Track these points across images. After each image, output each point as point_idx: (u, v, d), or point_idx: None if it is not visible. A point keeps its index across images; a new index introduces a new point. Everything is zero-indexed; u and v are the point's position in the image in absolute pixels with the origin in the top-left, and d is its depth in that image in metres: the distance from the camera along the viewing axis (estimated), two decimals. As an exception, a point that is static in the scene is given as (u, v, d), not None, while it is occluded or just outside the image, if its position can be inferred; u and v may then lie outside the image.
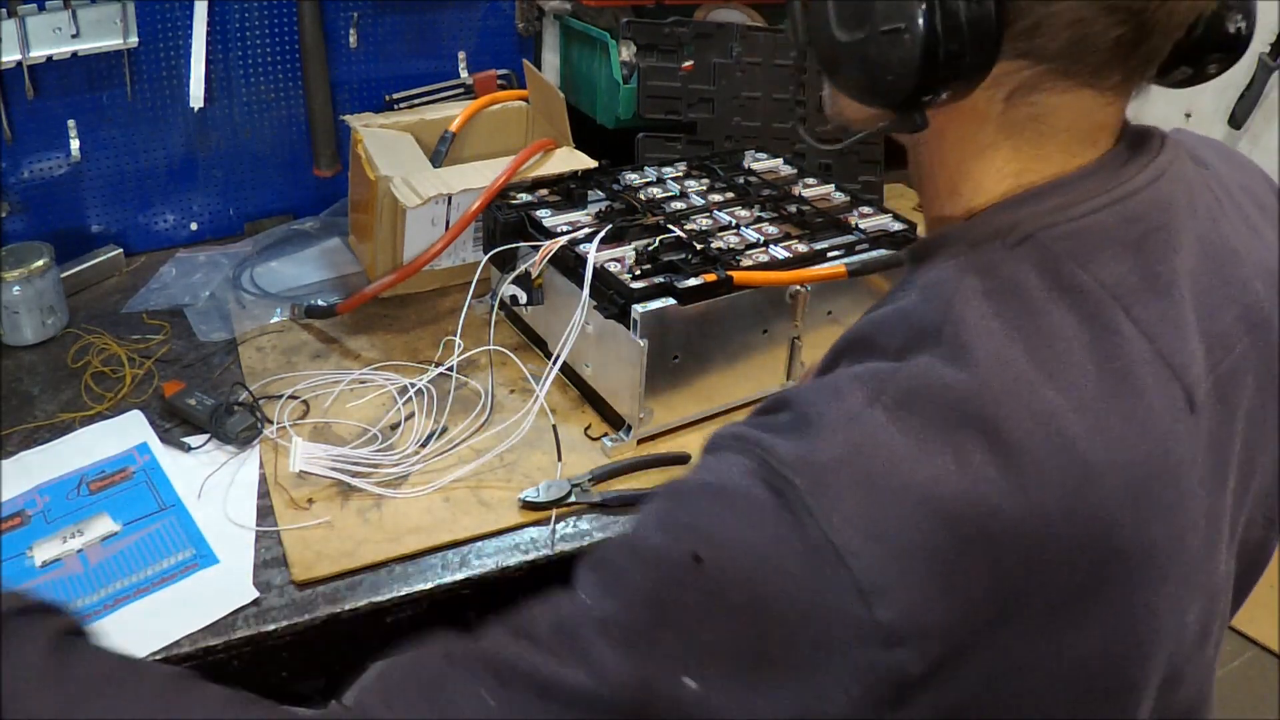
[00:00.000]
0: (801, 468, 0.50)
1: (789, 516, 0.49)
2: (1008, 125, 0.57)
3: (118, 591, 0.87)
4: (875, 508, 0.49)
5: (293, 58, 1.44)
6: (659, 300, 1.00)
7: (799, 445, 0.51)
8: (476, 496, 0.98)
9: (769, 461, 0.51)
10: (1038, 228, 0.55)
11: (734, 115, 1.47)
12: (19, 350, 1.21)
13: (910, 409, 0.51)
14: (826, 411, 0.52)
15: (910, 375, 0.52)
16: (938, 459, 0.50)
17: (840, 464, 0.50)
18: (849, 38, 0.55)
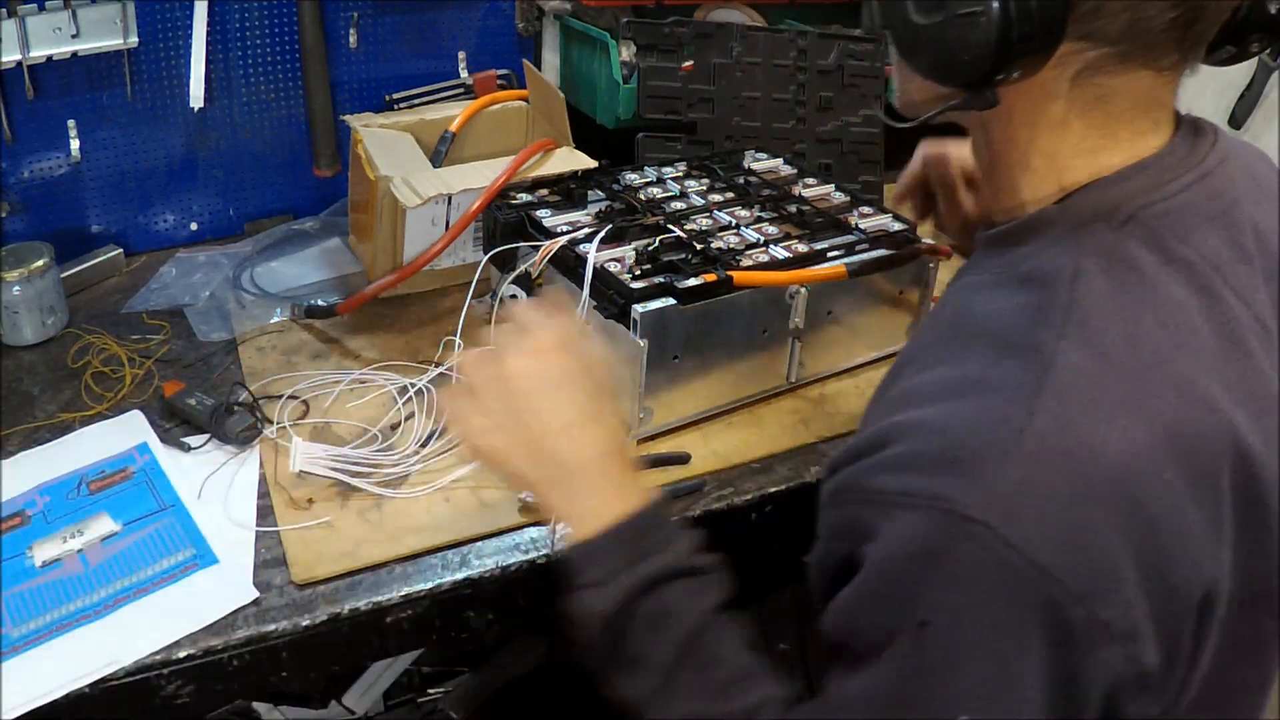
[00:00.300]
0: (986, 506, 0.52)
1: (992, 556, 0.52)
2: (1076, 105, 0.61)
3: (118, 591, 0.87)
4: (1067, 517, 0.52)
5: (293, 58, 1.44)
6: (659, 300, 1.00)
7: (973, 483, 0.53)
8: (476, 496, 0.98)
9: (953, 510, 0.53)
10: (1138, 207, 0.60)
11: (734, 115, 1.47)
12: (19, 350, 1.20)
13: (1066, 407, 0.54)
14: (984, 435, 0.54)
15: (1058, 379, 0.55)
16: (1111, 451, 0.53)
17: (1022, 490, 0.52)
18: (926, 20, 0.59)
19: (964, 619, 0.53)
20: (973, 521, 0.52)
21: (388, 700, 1.59)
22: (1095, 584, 0.52)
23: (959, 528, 0.52)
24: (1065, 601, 0.52)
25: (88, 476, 1.00)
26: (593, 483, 0.71)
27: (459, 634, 0.93)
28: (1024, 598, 0.52)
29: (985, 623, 0.53)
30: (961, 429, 0.56)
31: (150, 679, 0.81)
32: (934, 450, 0.56)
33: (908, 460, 0.57)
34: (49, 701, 0.78)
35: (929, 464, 0.56)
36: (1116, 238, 0.60)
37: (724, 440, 1.07)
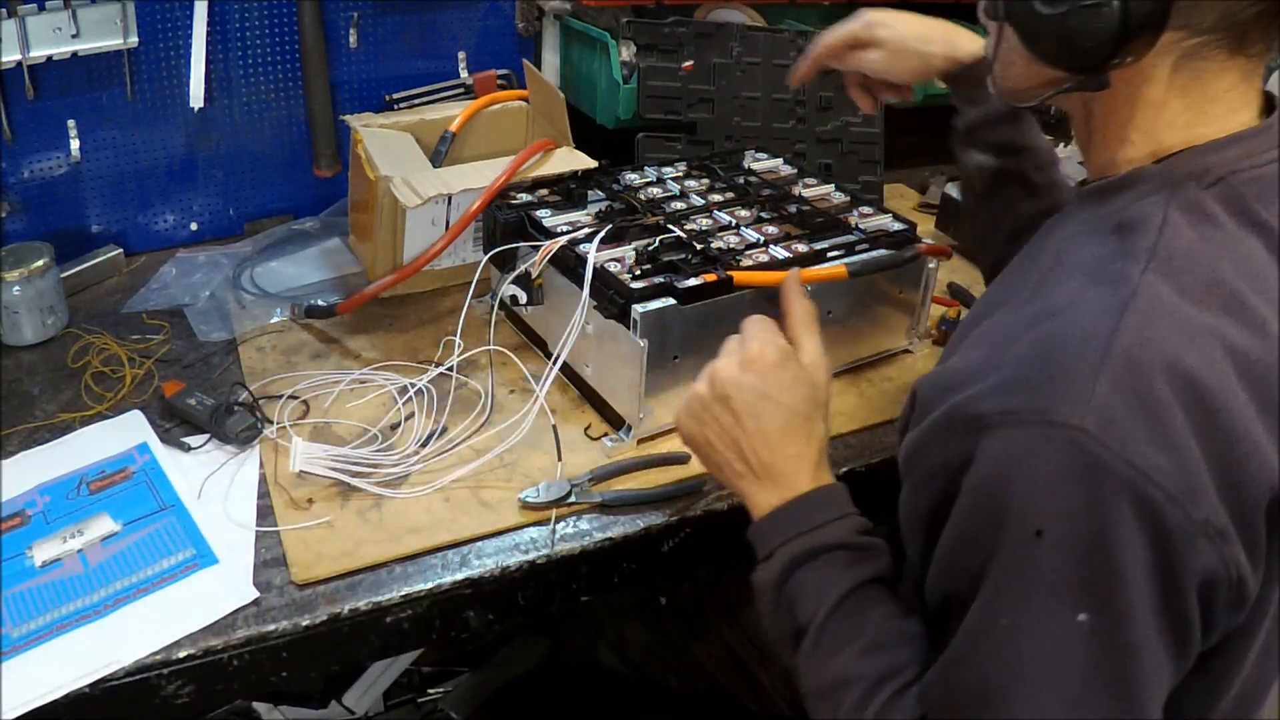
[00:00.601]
0: (1083, 414, 0.57)
1: (1092, 459, 0.56)
2: (1175, 87, 0.68)
3: (118, 591, 0.87)
4: (1155, 423, 0.57)
5: (293, 58, 1.44)
6: (659, 300, 1.00)
7: (1067, 394, 0.58)
8: (476, 496, 0.98)
9: (1053, 420, 0.57)
10: (1227, 172, 0.67)
11: (734, 115, 1.47)
12: (19, 350, 1.21)
13: (1149, 324, 0.60)
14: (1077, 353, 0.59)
15: (1143, 303, 0.61)
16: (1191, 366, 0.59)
17: (1115, 398, 0.57)
18: (1051, 11, 0.66)
19: (1075, 520, 0.57)
20: (1071, 428, 0.57)
21: (388, 700, 1.59)
22: (1186, 485, 0.57)
23: (1060, 435, 0.57)
24: (1163, 501, 0.56)
25: (88, 476, 1.00)
26: (778, 483, 0.79)
27: (459, 634, 0.93)
28: (1124, 498, 0.56)
29: (1093, 525, 0.57)
30: (1052, 348, 0.61)
31: (150, 679, 0.81)
32: (1028, 371, 0.61)
33: (1003, 385, 0.61)
34: (49, 701, 0.78)
35: (1024, 384, 0.60)
36: (1203, 197, 0.66)
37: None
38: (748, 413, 0.81)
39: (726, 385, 0.82)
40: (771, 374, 0.82)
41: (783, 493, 0.79)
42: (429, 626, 0.90)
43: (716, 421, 0.82)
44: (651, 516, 0.97)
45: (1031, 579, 0.59)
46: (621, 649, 1.23)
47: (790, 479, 0.79)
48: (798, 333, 0.87)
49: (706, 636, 1.16)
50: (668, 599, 1.20)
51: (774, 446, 0.80)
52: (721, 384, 0.82)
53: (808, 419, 0.81)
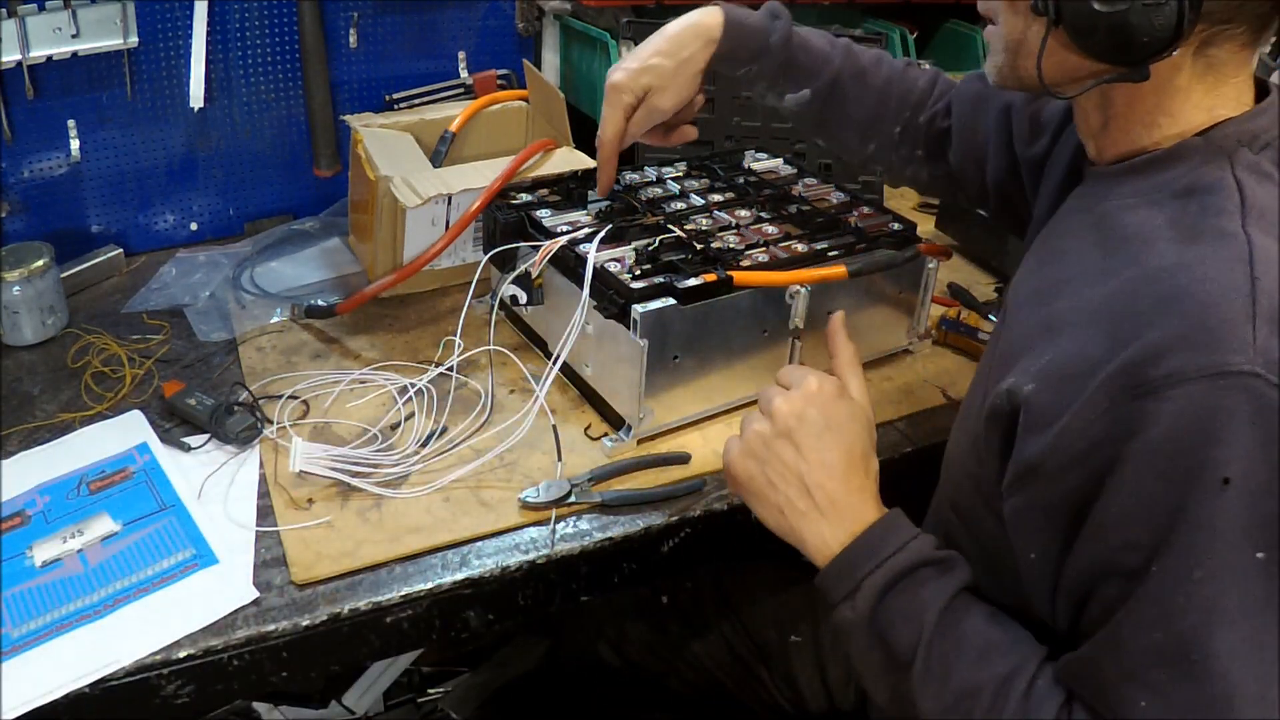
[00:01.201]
0: (1252, 359, 0.59)
1: (1268, 400, 0.58)
2: (1196, 73, 0.72)
3: (118, 591, 0.87)
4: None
5: (293, 58, 1.44)
6: (659, 300, 1.00)
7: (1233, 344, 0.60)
8: (476, 496, 0.98)
9: (1227, 370, 0.59)
10: (1273, 137, 0.71)
11: (734, 115, 1.47)
12: (19, 350, 1.21)
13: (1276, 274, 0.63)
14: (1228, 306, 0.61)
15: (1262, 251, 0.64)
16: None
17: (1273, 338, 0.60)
18: (1109, 8, 0.68)
19: (1259, 460, 0.59)
20: (1245, 375, 0.59)
21: (388, 700, 1.59)
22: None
23: (1235, 383, 0.59)
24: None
25: (88, 476, 1.00)
26: (844, 517, 0.78)
27: (459, 634, 0.93)
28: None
29: (1272, 464, 0.59)
30: (1196, 305, 0.62)
31: (150, 679, 0.81)
32: (1179, 330, 0.62)
33: (1157, 349, 0.62)
34: (49, 701, 0.78)
35: (1181, 342, 0.61)
36: (1259, 159, 0.70)
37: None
38: (813, 446, 0.80)
39: (789, 419, 0.82)
40: (831, 407, 0.82)
41: (849, 526, 0.78)
42: (429, 626, 0.90)
43: (779, 459, 0.81)
44: (651, 516, 0.97)
45: (1220, 528, 0.60)
46: (622, 648, 1.23)
47: (856, 511, 0.79)
48: (844, 373, 0.88)
49: (707, 635, 1.16)
50: (668, 597, 1.20)
51: (839, 480, 0.80)
52: (784, 419, 0.82)
53: (865, 454, 0.82)
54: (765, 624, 1.13)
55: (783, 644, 1.12)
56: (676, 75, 1.03)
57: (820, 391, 0.83)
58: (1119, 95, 0.75)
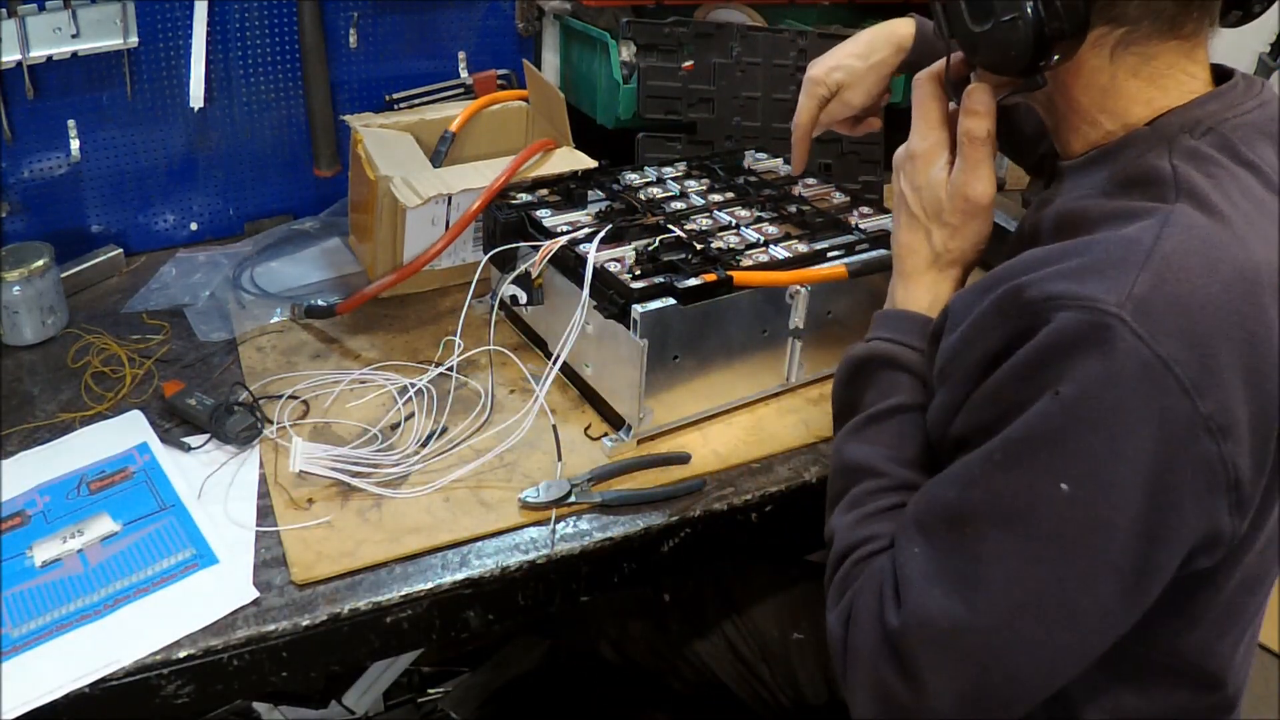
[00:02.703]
0: (1122, 304, 0.63)
1: (1122, 344, 0.62)
2: (1122, 70, 0.75)
3: (118, 591, 0.87)
4: (1185, 320, 0.63)
5: (293, 58, 1.44)
6: (659, 300, 1.00)
7: (1113, 287, 0.64)
8: (476, 496, 0.98)
9: (1098, 307, 0.63)
10: (1216, 123, 0.73)
11: (734, 115, 1.47)
12: (19, 350, 1.21)
13: (1187, 236, 0.66)
14: (1122, 256, 0.65)
15: (1179, 220, 0.67)
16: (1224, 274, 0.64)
17: (1151, 292, 0.63)
18: (979, 28, 0.76)
19: (1092, 391, 0.63)
20: (1110, 314, 0.63)
21: (388, 700, 1.59)
22: (1202, 378, 0.62)
23: (1098, 319, 0.63)
24: (1174, 392, 0.62)
25: (88, 476, 1.00)
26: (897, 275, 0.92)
27: (459, 634, 0.93)
28: (1143, 383, 0.62)
29: (1107, 401, 0.63)
30: (1103, 252, 0.67)
31: (150, 679, 0.81)
32: (1077, 265, 0.67)
33: (1055, 275, 0.67)
34: (49, 701, 0.78)
35: (1078, 274, 0.66)
36: (1199, 145, 0.72)
37: (724, 440, 1.07)
38: (897, 204, 0.91)
39: (896, 170, 0.91)
40: (911, 170, 0.89)
41: (896, 289, 0.91)
42: (429, 626, 0.90)
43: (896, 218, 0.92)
44: (651, 516, 0.97)
45: (1036, 435, 0.65)
46: (623, 647, 1.23)
47: (903, 278, 0.90)
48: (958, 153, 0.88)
49: (708, 634, 1.16)
50: (670, 597, 1.21)
51: (898, 240, 0.91)
52: (908, 187, 0.90)
53: (925, 231, 0.89)
54: (766, 622, 1.14)
55: (784, 642, 1.12)
56: (866, 75, 1.11)
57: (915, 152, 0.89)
58: (1057, 99, 0.79)
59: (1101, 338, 0.63)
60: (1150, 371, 0.62)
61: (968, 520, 0.67)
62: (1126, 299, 0.63)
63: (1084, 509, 0.63)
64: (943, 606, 0.66)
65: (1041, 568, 0.64)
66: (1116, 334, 0.62)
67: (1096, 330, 0.63)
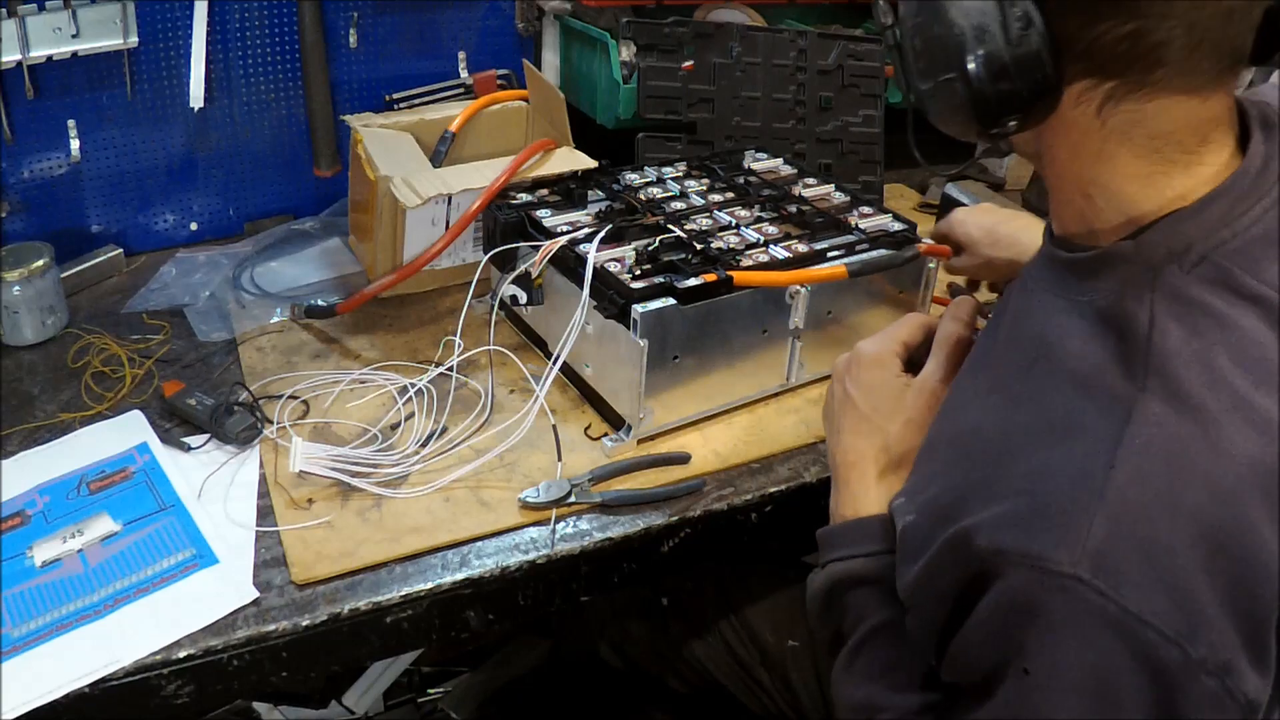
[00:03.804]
0: (1076, 560, 0.55)
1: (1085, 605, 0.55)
2: (1113, 134, 0.61)
3: (118, 591, 0.87)
4: (1153, 565, 0.55)
5: (293, 58, 1.44)
6: (659, 300, 1.00)
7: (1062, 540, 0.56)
8: (476, 496, 0.98)
9: (1046, 568, 0.55)
10: (1210, 248, 0.60)
11: (734, 115, 1.47)
12: (19, 350, 1.21)
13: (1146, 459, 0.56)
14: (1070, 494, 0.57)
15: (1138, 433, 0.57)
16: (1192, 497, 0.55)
17: (1109, 542, 0.55)
18: (925, 86, 0.64)
19: (1063, 667, 0.56)
20: (1065, 576, 0.55)
21: (388, 700, 1.59)
22: (1186, 624, 0.54)
23: (1053, 582, 0.55)
24: (1159, 643, 0.54)
25: (88, 476, 1.00)
26: (838, 486, 0.83)
27: (459, 634, 0.93)
28: (1120, 643, 0.55)
29: (1085, 667, 0.55)
30: (1048, 486, 0.58)
31: (150, 679, 0.81)
32: (1026, 510, 0.58)
33: (1001, 520, 0.59)
34: (49, 701, 0.78)
35: (1022, 523, 0.58)
36: (1187, 281, 0.60)
37: (724, 440, 1.07)
38: (838, 410, 0.86)
39: (834, 379, 0.88)
40: (859, 373, 0.85)
41: (839, 499, 0.82)
42: (429, 626, 0.90)
43: (827, 414, 0.88)
44: (651, 516, 0.97)
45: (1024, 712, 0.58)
46: (622, 648, 1.23)
47: (849, 488, 0.82)
48: (932, 349, 0.86)
49: (707, 636, 1.16)
50: (669, 598, 1.21)
51: (841, 448, 0.83)
52: (832, 383, 0.88)
53: (882, 424, 0.82)
54: (763, 627, 1.13)
55: (780, 649, 1.12)
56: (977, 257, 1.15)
57: (857, 357, 0.86)
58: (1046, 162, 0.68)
59: (1054, 603, 0.55)
60: (1123, 629, 0.54)
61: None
62: (1081, 555, 0.55)
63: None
64: None
65: None
66: (1076, 596, 0.55)
67: (1052, 595, 0.55)
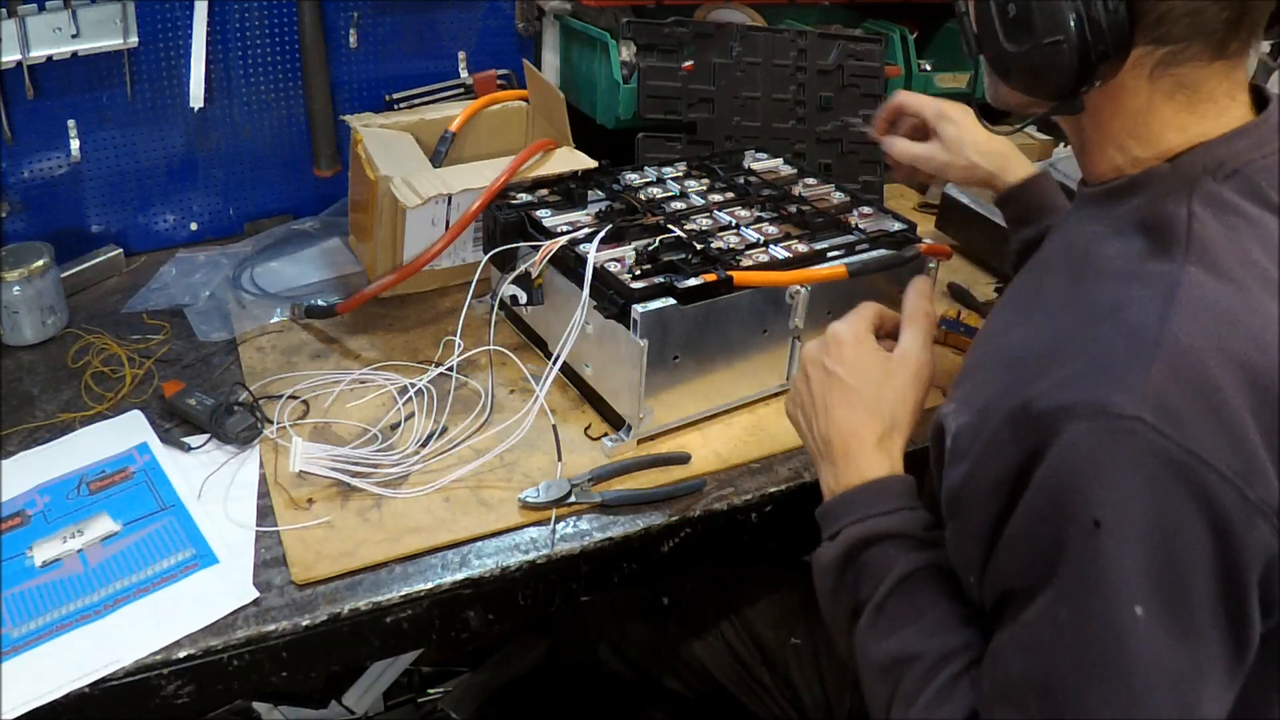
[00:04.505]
0: (1139, 404, 0.58)
1: (1149, 447, 0.58)
2: (1159, 94, 0.71)
3: (118, 591, 0.87)
4: (1209, 406, 0.59)
5: (293, 58, 1.44)
6: (659, 300, 1.00)
7: (1123, 386, 0.59)
8: (476, 496, 0.98)
9: (1110, 411, 0.59)
10: (1241, 164, 0.69)
11: (734, 115, 1.47)
12: (19, 350, 1.21)
13: (1195, 312, 0.62)
14: (1129, 348, 0.61)
15: (1186, 294, 0.63)
16: (1238, 348, 0.61)
17: (1168, 385, 0.59)
18: (1017, 49, 0.71)
19: (1132, 511, 0.58)
20: (1128, 418, 0.58)
21: (388, 700, 1.59)
22: (1242, 465, 0.58)
23: (1118, 425, 0.58)
24: (1219, 484, 0.58)
25: (88, 476, 1.00)
26: (837, 460, 0.83)
27: (459, 634, 0.93)
28: (1182, 484, 0.58)
29: (1152, 513, 0.58)
30: (1106, 344, 0.63)
31: (150, 679, 0.81)
32: (1083, 368, 0.62)
33: (1061, 383, 0.62)
34: (49, 701, 0.78)
35: (1080, 379, 0.62)
36: (1221, 188, 0.68)
37: (724, 440, 1.07)
38: (819, 391, 0.86)
39: (806, 365, 0.88)
40: (839, 351, 0.87)
41: (838, 473, 0.82)
42: (429, 626, 0.90)
43: (802, 402, 0.88)
44: (651, 516, 0.97)
45: (1092, 571, 0.60)
46: (621, 648, 1.23)
47: (848, 459, 0.82)
48: (903, 325, 0.90)
49: (707, 636, 1.16)
50: (669, 598, 1.21)
51: (833, 423, 0.84)
52: (804, 364, 0.89)
53: (875, 396, 0.84)
54: (764, 626, 1.13)
55: (781, 647, 1.12)
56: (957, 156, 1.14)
57: (835, 336, 0.87)
58: (1086, 120, 0.75)
59: (1123, 447, 0.58)
60: (1185, 470, 0.58)
61: (1058, 684, 0.61)
62: (1142, 399, 0.58)
63: (1168, 626, 0.59)
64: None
65: (1158, 697, 0.59)
66: (1140, 438, 0.58)
67: (1118, 439, 0.58)
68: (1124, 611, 0.59)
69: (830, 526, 0.80)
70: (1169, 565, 0.58)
